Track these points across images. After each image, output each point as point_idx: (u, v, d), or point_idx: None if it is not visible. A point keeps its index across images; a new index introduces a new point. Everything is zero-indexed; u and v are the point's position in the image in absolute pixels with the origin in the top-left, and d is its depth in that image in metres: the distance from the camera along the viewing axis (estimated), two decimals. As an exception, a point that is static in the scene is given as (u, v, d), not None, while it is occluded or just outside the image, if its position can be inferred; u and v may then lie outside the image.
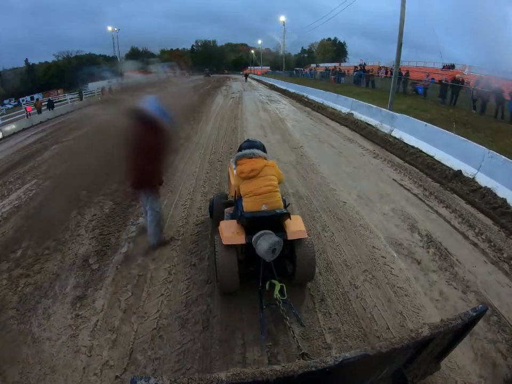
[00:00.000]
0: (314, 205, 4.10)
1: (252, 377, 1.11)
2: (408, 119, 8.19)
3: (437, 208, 4.32)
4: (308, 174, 5.21)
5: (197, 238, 3.37)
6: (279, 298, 2.24)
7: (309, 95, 17.16)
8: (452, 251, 3.32)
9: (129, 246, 3.28)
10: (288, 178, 4.91)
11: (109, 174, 5.37)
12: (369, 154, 6.59)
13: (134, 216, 3.90)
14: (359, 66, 26.40)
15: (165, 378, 1.10)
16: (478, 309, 1.55)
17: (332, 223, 3.71)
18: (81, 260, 3.17)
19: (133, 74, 31.50)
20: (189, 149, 6.96)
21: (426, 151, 6.64)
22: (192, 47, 50.46)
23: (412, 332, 1.39)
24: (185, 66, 44.23)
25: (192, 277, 2.80)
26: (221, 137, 8.09)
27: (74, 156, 7.02)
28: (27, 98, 33.17)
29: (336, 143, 7.42)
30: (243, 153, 2.65)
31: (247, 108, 13.48)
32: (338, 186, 4.77)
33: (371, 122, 9.49)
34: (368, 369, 1.41)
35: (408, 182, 5.22)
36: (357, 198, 4.43)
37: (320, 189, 4.64)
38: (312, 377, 1.16)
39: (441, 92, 14.22)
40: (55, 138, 10.17)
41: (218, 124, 10.08)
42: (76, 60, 41.49)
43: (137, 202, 4.17)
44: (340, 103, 12.65)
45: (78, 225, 3.82)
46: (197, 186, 4.82)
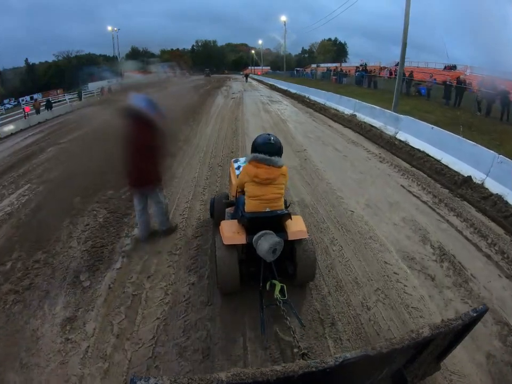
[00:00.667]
0: (321, 215, 3.87)
1: (252, 377, 1.10)
2: (413, 121, 7.97)
3: (447, 217, 4.12)
4: (313, 180, 4.98)
5: (195, 252, 3.13)
6: (280, 299, 2.24)
7: (311, 95, 16.95)
8: (466, 265, 3.14)
9: (123, 261, 3.05)
10: (292, 185, 4.70)
11: (104, 178, 5.17)
12: (375, 158, 6.37)
13: (128, 227, 3.66)
14: (361, 67, 26.15)
15: (165, 378, 1.09)
16: (478, 310, 1.53)
17: (340, 235, 3.49)
18: (72, 275, 2.96)
19: (132, 74, 31.37)
20: (187, 153, 6.71)
21: (432, 155, 6.43)
22: (192, 47, 50.35)
23: (412, 332, 1.37)
24: (185, 67, 44.08)
25: (190, 298, 2.57)
26: (221, 139, 7.86)
27: (70, 158, 6.82)
28: (27, 98, 33.13)
29: (340, 146, 7.19)
30: (264, 158, 2.45)
31: (248, 109, 13.26)
32: (345, 193, 4.54)
33: (375, 124, 9.28)
34: (368, 369, 1.41)
35: (417, 188, 5.00)
36: (365, 206, 4.20)
37: (327, 196, 4.41)
38: (313, 377, 1.15)
39: (445, 93, 13.99)
40: (51, 139, 9.95)
41: (219, 125, 9.85)
42: (76, 59, 41.37)
43: (132, 211, 3.95)
44: (343, 104, 12.43)
45: (70, 236, 3.60)
46: (196, 193, 4.57)
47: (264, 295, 2.39)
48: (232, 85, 30.12)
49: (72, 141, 8.96)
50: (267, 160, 2.45)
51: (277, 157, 2.50)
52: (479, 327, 2.31)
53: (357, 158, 6.31)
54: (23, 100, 31.76)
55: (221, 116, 11.71)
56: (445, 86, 14.32)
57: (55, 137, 10.22)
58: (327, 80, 27.33)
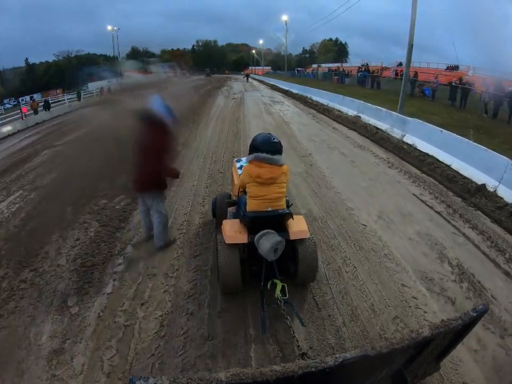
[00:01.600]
0: (331, 230, 3.58)
1: (252, 377, 1.10)
2: (421, 124, 7.68)
3: (463, 229, 3.85)
4: (320, 189, 4.69)
5: (194, 275, 2.82)
6: (280, 298, 2.24)
7: (313, 96, 16.66)
8: (486, 284, 2.91)
9: (114, 284, 2.76)
10: (299, 195, 4.42)
11: (98, 185, 4.90)
12: (383, 164, 6.08)
13: (121, 243, 3.36)
14: (363, 67, 25.85)
15: (164, 378, 1.09)
16: (478, 309, 1.51)
17: (352, 253, 3.20)
18: (60, 299, 2.68)
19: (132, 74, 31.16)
20: (187, 157, 6.40)
21: (442, 160, 6.15)
22: (193, 47, 50.08)
23: (412, 332, 1.36)
24: (185, 67, 43.85)
25: (189, 331, 2.28)
26: (222, 143, 7.56)
27: (64, 163, 6.54)
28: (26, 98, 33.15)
29: (346, 150, 6.89)
30: (266, 157, 2.43)
31: (249, 110, 12.96)
32: (356, 203, 4.25)
33: (380, 126, 8.99)
34: (368, 369, 1.39)
35: (429, 197, 4.72)
36: (378, 219, 3.92)
37: (336, 208, 4.12)
38: (312, 377, 1.15)
39: (451, 94, 13.69)
40: (47, 142, 9.67)
41: (219, 127, 9.56)
42: (76, 59, 41.21)
43: (126, 224, 3.68)
44: (346, 105, 12.13)
45: (58, 252, 3.32)
46: (195, 204, 4.25)
47: (266, 295, 2.37)
48: (232, 85, 29.85)
49: (67, 143, 8.70)
50: (269, 159, 2.42)
51: (278, 156, 2.48)
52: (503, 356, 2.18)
53: (364, 163, 6.02)
54: (23, 99, 31.70)
55: (221, 117, 11.42)
56: (451, 87, 14.00)
57: (51, 139, 9.94)
58: (329, 81, 27.05)
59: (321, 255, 3.06)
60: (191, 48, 50.05)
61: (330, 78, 28.16)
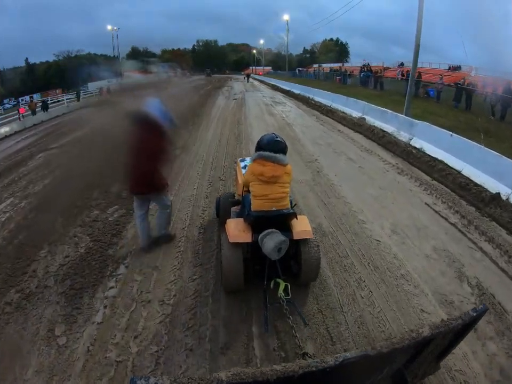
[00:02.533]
0: (343, 247, 3.30)
1: (252, 377, 1.10)
2: (430, 127, 7.39)
3: (480, 243, 3.60)
4: (329, 199, 4.40)
5: (194, 302, 2.54)
6: (283, 297, 2.25)
7: (315, 96, 16.37)
8: (506, 306, 2.69)
9: (105, 312, 2.48)
10: (306, 205, 4.13)
11: (91, 194, 4.63)
12: (392, 170, 5.80)
13: (113, 263, 3.07)
14: (366, 67, 25.54)
15: (165, 378, 1.11)
16: (478, 309, 1.52)
17: (367, 274, 2.92)
18: (46, 327, 2.42)
19: (132, 74, 30.98)
20: (186, 163, 6.07)
21: (452, 165, 5.89)
22: (193, 47, 49.78)
23: (412, 332, 1.35)
24: (186, 66, 43.61)
25: (188, 370, 2.01)
26: (222, 146, 7.26)
27: (58, 168, 6.25)
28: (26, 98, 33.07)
29: (354, 155, 6.59)
30: (269, 156, 2.46)
31: (251, 111, 12.68)
32: (367, 216, 3.97)
33: (387, 129, 8.71)
34: (368, 369, 1.39)
35: (442, 206, 4.46)
36: (392, 233, 3.64)
37: (347, 220, 3.83)
38: (313, 377, 1.14)
39: (456, 95, 13.38)
40: (43, 144, 9.39)
41: (220, 129, 9.26)
42: (76, 59, 41.02)
43: (119, 240, 3.41)
44: (350, 106, 11.85)
45: (46, 271, 3.05)
46: (194, 217, 3.91)
47: (268, 294, 2.38)
48: (233, 85, 29.58)
49: (63, 146, 8.42)
50: (272, 157, 2.45)
51: (282, 155, 2.50)
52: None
53: (373, 169, 5.74)
54: (23, 99, 31.59)
55: (222, 119, 11.12)
56: (456, 88, 13.70)
57: (47, 142, 9.67)
58: (331, 81, 26.73)
59: (333, 278, 2.82)
60: (192, 48, 49.79)
61: (332, 78, 27.84)
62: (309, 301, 2.58)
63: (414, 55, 9.71)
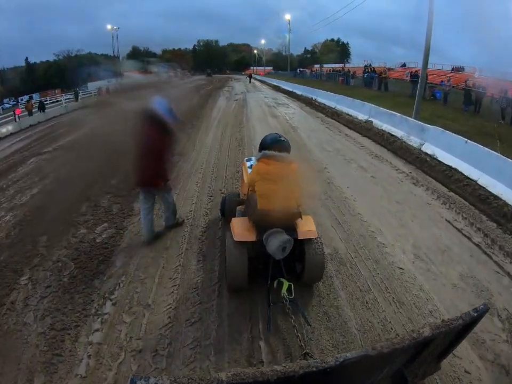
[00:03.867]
0: (364, 278, 2.86)
1: (253, 377, 1.09)
2: (442, 132, 6.97)
3: (506, 266, 3.22)
4: (344, 217, 3.96)
5: (192, 354, 2.09)
6: (286, 297, 2.26)
7: (318, 97, 15.96)
8: None
9: (89, 363, 2.06)
10: (319, 225, 3.63)
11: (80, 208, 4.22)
12: (407, 180, 5.39)
13: (99, 298, 2.64)
14: (369, 68, 25.12)
15: (165, 378, 1.09)
16: (479, 309, 1.50)
17: (392, 312, 2.49)
18: (25, 377, 2.02)
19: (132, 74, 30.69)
20: (183, 171, 5.59)
21: (467, 174, 5.48)
22: (194, 47, 49.31)
23: (413, 331, 1.34)
24: (186, 66, 43.28)
25: None
26: (224, 153, 6.80)
27: (47, 176, 5.85)
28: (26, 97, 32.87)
29: (364, 162, 6.15)
30: (273, 154, 2.50)
31: (253, 113, 12.24)
32: (387, 237, 3.54)
33: (395, 133, 8.29)
34: (369, 369, 1.38)
35: (463, 223, 4.06)
36: (415, 258, 3.22)
37: (365, 243, 3.39)
38: (313, 377, 1.14)
39: (466, 99, 12.93)
40: (36, 147, 8.99)
41: (221, 133, 8.82)
42: (76, 59, 40.77)
43: (106, 268, 2.99)
44: (356, 108, 11.40)
45: (26, 304, 2.64)
46: (192, 240, 3.39)
47: (272, 293, 2.38)
48: (234, 85, 29.16)
49: (55, 150, 8.01)
50: (277, 156, 2.47)
51: (285, 154, 2.52)
52: None
53: (386, 179, 5.32)
54: (22, 99, 31.54)
55: (223, 121, 10.66)
56: (465, 90, 13.26)
57: (40, 145, 9.27)
58: (333, 81, 26.32)
59: (355, 319, 2.41)
60: (192, 48, 49.36)
61: (334, 78, 27.43)
62: (328, 349, 2.17)
63: (424, 56, 9.31)
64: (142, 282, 2.76)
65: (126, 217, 3.81)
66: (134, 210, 4.00)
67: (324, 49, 46.63)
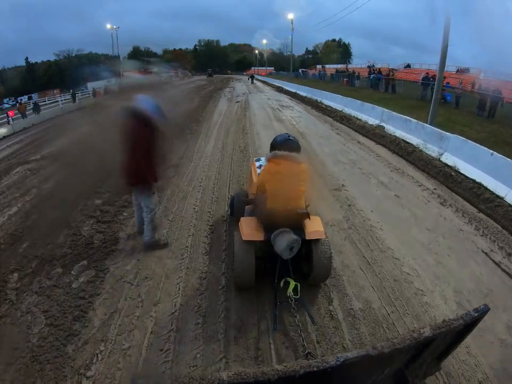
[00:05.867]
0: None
1: (253, 376, 1.09)
2: (465, 142, 6.34)
3: None
4: (373, 253, 3.27)
5: None
6: (292, 297, 2.28)
7: (324, 99, 15.32)
8: None
9: None
10: (345, 266, 3.04)
11: (57, 236, 3.59)
12: (433, 199, 4.75)
13: (73, 373, 1.97)
14: (374, 69, 24.47)
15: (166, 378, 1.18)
16: (479, 310, 1.49)
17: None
18: None
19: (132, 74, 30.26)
20: (179, 191, 4.77)
21: (493, 189, 4.90)
22: (195, 47, 48.71)
23: (413, 332, 1.32)
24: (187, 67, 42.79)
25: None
26: (226, 165, 6.03)
27: (30, 191, 5.22)
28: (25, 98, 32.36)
29: (384, 177, 5.46)
30: (284, 155, 2.49)
31: (257, 117, 11.57)
32: (424, 281, 2.89)
33: (410, 140, 7.67)
34: (369, 369, 1.37)
35: (500, 255, 3.46)
36: (458, 307, 2.58)
37: (401, 291, 2.74)
38: (314, 377, 1.13)
39: (480, 103, 12.26)
40: (24, 154, 8.35)
41: (222, 140, 8.10)
42: (76, 59, 40.44)
43: (82, 328, 2.35)
44: (365, 112, 10.74)
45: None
46: (187, 291, 2.69)
47: (279, 292, 2.39)
48: (235, 85, 28.53)
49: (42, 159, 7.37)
50: (287, 156, 2.49)
51: (295, 153, 2.53)
52: None
53: (412, 199, 4.66)
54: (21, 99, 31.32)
55: (224, 126, 9.97)
56: (480, 94, 12.58)
57: (29, 151, 8.61)
58: (337, 82, 25.68)
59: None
60: (193, 48, 48.75)
61: (338, 79, 26.79)
62: None
63: (440, 58, 8.69)
64: (126, 354, 2.12)
65: (109, 254, 3.15)
66: (118, 243, 3.34)
67: (325, 50, 46.25)
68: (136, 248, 3.24)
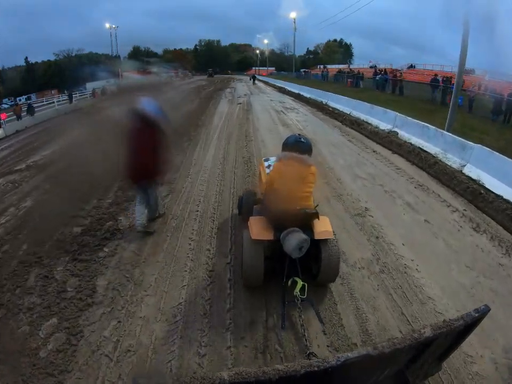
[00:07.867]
0: None
1: (255, 376, 1.09)
2: (491, 154, 5.73)
3: None
4: (412, 307, 2.53)
5: None
6: (299, 297, 2.30)
7: (329, 101, 14.69)
8: None
9: None
10: (380, 327, 2.39)
11: (28, 275, 2.98)
12: (464, 223, 4.11)
13: None
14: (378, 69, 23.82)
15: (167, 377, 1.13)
16: (480, 310, 1.48)
17: None
18: None
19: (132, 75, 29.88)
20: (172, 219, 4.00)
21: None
22: (195, 47, 48.13)
23: (414, 332, 1.32)
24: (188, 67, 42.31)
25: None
26: (227, 182, 5.22)
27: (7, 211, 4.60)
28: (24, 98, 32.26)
29: (409, 196, 4.80)
30: (294, 156, 2.56)
31: (260, 121, 10.86)
32: (471, 340, 2.23)
33: (427, 148, 7.05)
34: (370, 369, 1.38)
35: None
36: (509, 377, 2.00)
37: (453, 364, 2.09)
38: (315, 376, 1.14)
39: (495, 106, 11.60)
40: (10, 163, 7.72)
41: (223, 148, 7.35)
42: (76, 58, 40.06)
43: None
44: (376, 116, 10.08)
45: None
46: (186, 358, 2.12)
47: (287, 292, 2.40)
48: (236, 86, 27.92)
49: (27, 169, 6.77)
50: (297, 157, 2.53)
51: (306, 155, 2.59)
52: None
53: (442, 224, 4.00)
54: (20, 99, 30.89)
55: (225, 132, 9.27)
56: (495, 98, 11.89)
57: (16, 159, 8.00)
58: (341, 83, 25.02)
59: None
60: (194, 48, 48.16)
61: (341, 80, 26.13)
62: None
63: (460, 60, 8.05)
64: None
65: (84, 310, 2.49)
66: (95, 294, 2.69)
67: (326, 50, 45.84)
68: (117, 303, 2.60)
